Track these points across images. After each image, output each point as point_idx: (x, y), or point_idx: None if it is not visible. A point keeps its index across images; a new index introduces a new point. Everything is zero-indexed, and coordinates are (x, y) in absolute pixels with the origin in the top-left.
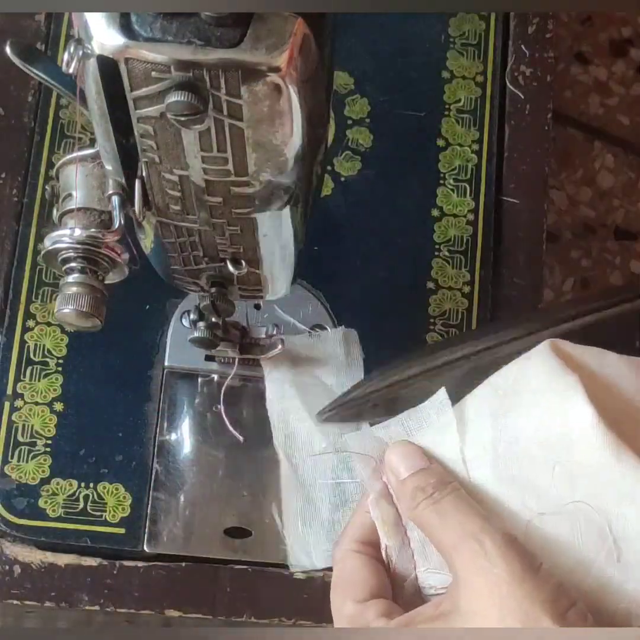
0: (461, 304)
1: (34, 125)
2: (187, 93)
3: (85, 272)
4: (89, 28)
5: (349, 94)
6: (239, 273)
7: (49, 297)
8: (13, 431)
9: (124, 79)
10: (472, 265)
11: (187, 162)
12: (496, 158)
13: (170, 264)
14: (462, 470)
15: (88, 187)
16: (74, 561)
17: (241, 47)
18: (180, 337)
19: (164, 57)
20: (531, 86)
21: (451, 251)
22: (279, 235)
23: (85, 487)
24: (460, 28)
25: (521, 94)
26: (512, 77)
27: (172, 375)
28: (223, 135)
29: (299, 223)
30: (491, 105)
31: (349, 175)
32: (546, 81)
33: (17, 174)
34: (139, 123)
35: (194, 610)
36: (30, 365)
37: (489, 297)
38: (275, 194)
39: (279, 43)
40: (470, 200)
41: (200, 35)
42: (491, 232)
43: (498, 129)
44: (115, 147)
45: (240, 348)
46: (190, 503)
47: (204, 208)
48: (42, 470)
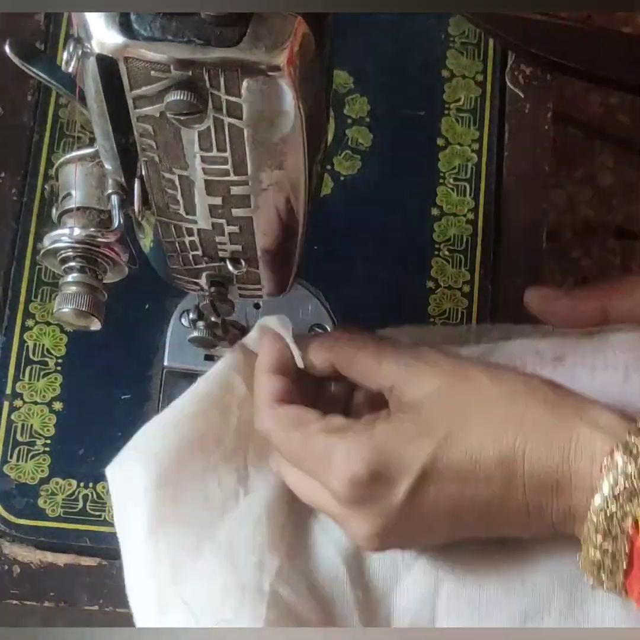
0: (461, 304)
1: (33, 124)
2: (186, 92)
3: (84, 272)
4: (88, 27)
5: (348, 93)
6: (239, 272)
7: (49, 297)
8: (12, 431)
9: (124, 78)
10: (472, 264)
11: (187, 161)
12: (496, 157)
13: (169, 264)
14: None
15: (87, 187)
16: (73, 561)
17: (241, 46)
18: (180, 336)
19: (163, 56)
20: (531, 85)
21: (451, 250)
22: (278, 234)
23: (84, 487)
24: (460, 27)
25: (521, 93)
26: (512, 76)
27: (171, 375)
28: (223, 135)
29: (298, 222)
30: (491, 105)
31: (348, 174)
32: (546, 80)
33: (16, 173)
34: (138, 122)
35: None
36: (29, 365)
37: (489, 297)
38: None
39: (278, 42)
40: (470, 199)
41: (199, 35)
42: (491, 232)
43: (498, 129)
44: (115, 146)
45: None
46: None
47: (204, 208)
48: (42, 470)
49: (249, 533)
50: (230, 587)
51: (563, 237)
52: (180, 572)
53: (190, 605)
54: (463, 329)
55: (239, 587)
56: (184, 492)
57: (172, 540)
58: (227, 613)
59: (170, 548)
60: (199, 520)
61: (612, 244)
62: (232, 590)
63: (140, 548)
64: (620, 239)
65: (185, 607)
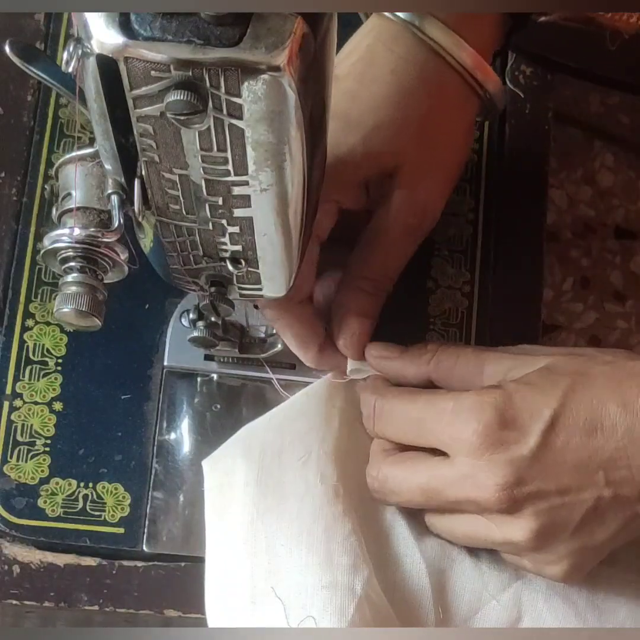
0: (461, 304)
1: (33, 124)
2: (186, 92)
3: (84, 272)
4: (88, 27)
5: None
6: (239, 272)
7: (48, 297)
8: (12, 431)
9: (124, 78)
10: (472, 264)
11: (187, 161)
12: (496, 157)
13: (169, 264)
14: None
15: (87, 187)
16: (73, 561)
17: (241, 46)
18: (180, 336)
19: (163, 56)
20: (531, 85)
21: (451, 250)
22: (279, 234)
23: (84, 487)
24: None
25: (521, 93)
26: (512, 76)
27: (171, 375)
28: (223, 135)
29: (299, 222)
30: None
31: None
32: (546, 80)
33: (16, 173)
34: (138, 122)
35: (194, 610)
36: (29, 365)
37: (489, 297)
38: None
39: (278, 42)
40: (470, 199)
41: (199, 35)
42: (491, 232)
43: (498, 128)
44: (115, 146)
45: (239, 347)
46: (189, 503)
47: (204, 208)
48: (41, 470)
49: (346, 533)
50: (323, 584)
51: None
52: (275, 565)
53: (282, 599)
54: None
55: (332, 584)
56: (284, 484)
57: (271, 533)
58: (315, 610)
59: (269, 541)
60: (298, 514)
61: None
62: (325, 588)
63: (238, 540)
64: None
65: (276, 600)
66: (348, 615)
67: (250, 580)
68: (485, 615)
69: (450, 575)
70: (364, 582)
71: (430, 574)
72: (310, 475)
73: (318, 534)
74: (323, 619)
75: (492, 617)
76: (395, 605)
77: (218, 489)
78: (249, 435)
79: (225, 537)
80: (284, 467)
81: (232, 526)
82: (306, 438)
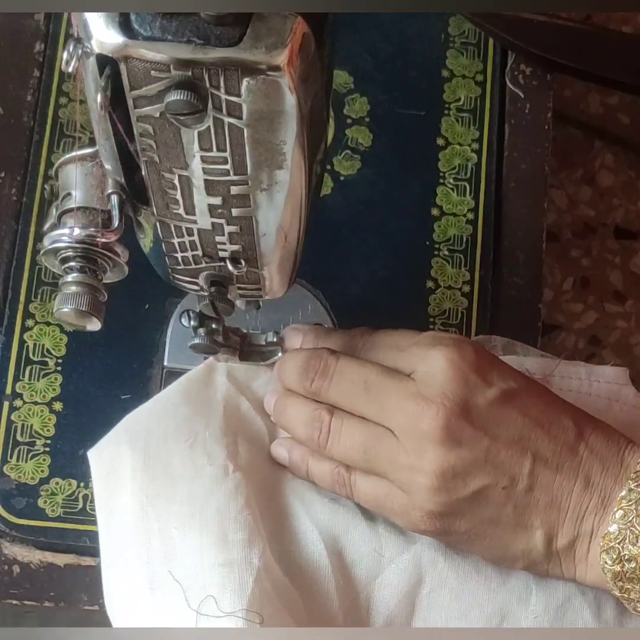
0: (461, 304)
1: (33, 124)
2: (186, 92)
3: (84, 272)
4: (88, 27)
5: (348, 93)
6: (239, 272)
7: (48, 297)
8: (12, 431)
9: (124, 78)
10: (472, 264)
11: (187, 161)
12: (496, 157)
13: (169, 264)
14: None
15: (87, 187)
16: (73, 561)
17: (241, 46)
18: (180, 336)
19: (163, 56)
20: (531, 85)
21: (451, 250)
22: (278, 234)
23: (84, 487)
24: (460, 27)
25: (521, 93)
26: (512, 76)
27: (171, 375)
28: (222, 135)
29: (298, 222)
30: (491, 105)
31: (348, 174)
32: (546, 80)
33: (16, 173)
34: (138, 122)
35: None
36: (29, 365)
37: (489, 297)
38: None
39: (278, 42)
40: (470, 199)
41: (199, 34)
42: (491, 232)
43: (498, 128)
44: (115, 146)
45: (240, 354)
46: None
47: (204, 208)
48: (41, 470)
49: (238, 508)
50: (220, 562)
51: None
52: (170, 548)
53: (180, 582)
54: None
55: (228, 562)
56: (172, 468)
57: (163, 517)
58: (215, 588)
59: (161, 525)
60: (189, 496)
61: (612, 244)
62: (222, 565)
63: (130, 528)
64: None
65: (174, 583)
66: (247, 590)
67: (146, 567)
68: (385, 579)
69: (346, 541)
70: (261, 555)
71: (325, 541)
72: (198, 457)
73: (211, 514)
74: (223, 596)
75: (393, 581)
76: (292, 574)
77: (105, 478)
78: (133, 422)
79: (117, 526)
80: (170, 451)
81: (123, 514)
82: (191, 421)
